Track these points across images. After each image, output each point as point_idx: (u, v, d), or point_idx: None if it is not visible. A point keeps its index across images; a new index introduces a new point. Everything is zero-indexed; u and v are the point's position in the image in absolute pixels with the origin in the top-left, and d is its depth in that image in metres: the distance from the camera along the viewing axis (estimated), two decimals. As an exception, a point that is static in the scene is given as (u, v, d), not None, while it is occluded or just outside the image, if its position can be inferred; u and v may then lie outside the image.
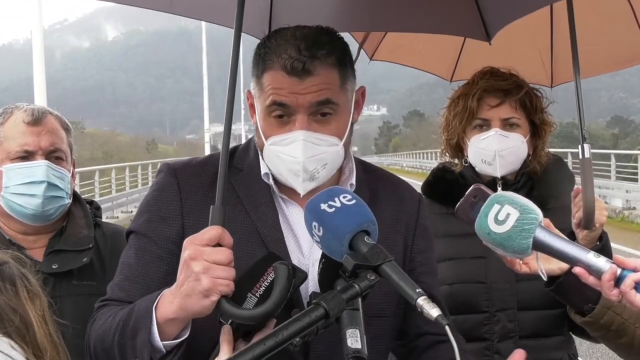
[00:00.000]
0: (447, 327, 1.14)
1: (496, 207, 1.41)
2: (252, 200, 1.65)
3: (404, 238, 1.75)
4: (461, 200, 1.56)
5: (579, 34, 2.16)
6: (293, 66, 1.55)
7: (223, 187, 1.51)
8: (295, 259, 1.61)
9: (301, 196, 1.60)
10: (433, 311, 1.16)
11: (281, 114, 1.58)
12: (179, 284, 1.40)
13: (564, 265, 1.73)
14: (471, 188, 1.55)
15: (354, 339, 1.24)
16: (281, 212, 1.66)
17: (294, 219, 1.66)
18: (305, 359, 1.57)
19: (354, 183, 1.70)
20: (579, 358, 2.41)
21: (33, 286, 1.28)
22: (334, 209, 1.33)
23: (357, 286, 1.24)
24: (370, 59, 2.93)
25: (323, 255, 1.37)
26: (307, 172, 1.57)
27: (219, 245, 1.41)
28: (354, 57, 1.81)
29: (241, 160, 1.71)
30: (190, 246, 1.40)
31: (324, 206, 1.33)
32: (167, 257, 1.60)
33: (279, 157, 1.59)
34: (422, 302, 1.18)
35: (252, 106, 1.68)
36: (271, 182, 1.65)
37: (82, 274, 2.13)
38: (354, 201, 1.34)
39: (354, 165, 1.72)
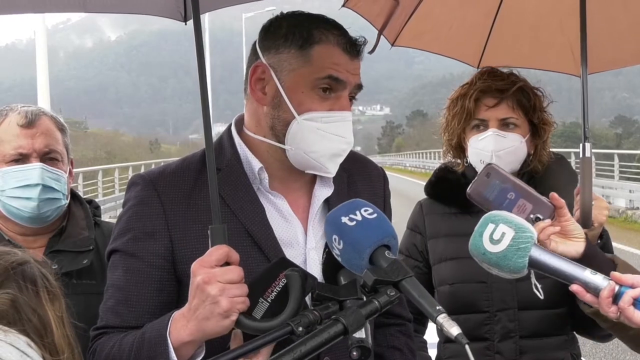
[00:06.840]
0: (467, 347, 1.15)
1: (491, 226, 1.40)
2: (236, 199, 1.60)
3: None
4: (474, 180, 1.53)
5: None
6: (352, 46, 1.57)
7: (218, 206, 1.48)
8: (292, 251, 1.59)
9: (332, 176, 1.60)
10: (453, 329, 1.17)
11: (328, 89, 1.56)
12: (194, 308, 1.39)
13: (580, 249, 1.71)
14: (484, 167, 1.54)
15: None
16: (271, 205, 1.62)
17: (286, 210, 1.63)
18: None
19: None
20: (582, 358, 2.39)
21: (53, 287, 1.28)
22: (354, 222, 1.31)
23: (376, 302, 1.24)
24: (392, 45, 2.75)
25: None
26: (346, 153, 1.59)
27: (227, 264, 1.40)
28: (372, 45, 1.79)
29: (218, 159, 1.64)
30: (200, 270, 1.38)
31: (344, 219, 1.32)
32: (157, 274, 1.57)
33: (320, 134, 1.54)
34: (442, 320, 1.19)
35: (260, 80, 1.61)
36: (265, 176, 1.61)
37: (81, 273, 2.12)
38: (375, 215, 1.33)
39: None
